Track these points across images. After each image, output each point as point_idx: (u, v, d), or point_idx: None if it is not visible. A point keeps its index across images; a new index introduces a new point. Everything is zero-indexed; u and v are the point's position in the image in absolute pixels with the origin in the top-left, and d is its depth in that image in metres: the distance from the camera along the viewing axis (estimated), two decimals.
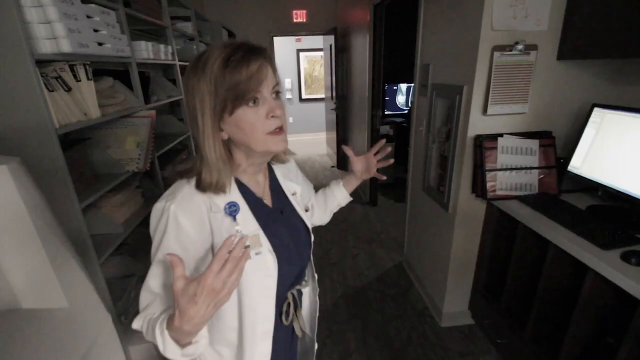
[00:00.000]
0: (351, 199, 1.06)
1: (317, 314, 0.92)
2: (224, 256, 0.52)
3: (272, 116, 0.65)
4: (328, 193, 1.05)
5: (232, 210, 0.68)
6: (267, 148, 0.68)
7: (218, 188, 0.67)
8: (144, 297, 0.67)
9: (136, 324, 0.65)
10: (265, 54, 0.66)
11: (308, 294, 0.90)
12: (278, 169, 0.86)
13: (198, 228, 0.65)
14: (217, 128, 0.66)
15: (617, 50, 1.24)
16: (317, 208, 1.05)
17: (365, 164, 1.01)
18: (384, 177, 1.02)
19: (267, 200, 0.78)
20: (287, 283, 0.78)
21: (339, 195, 1.04)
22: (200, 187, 0.67)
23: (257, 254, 0.69)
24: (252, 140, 0.66)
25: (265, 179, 0.81)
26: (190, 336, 0.56)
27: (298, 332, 0.84)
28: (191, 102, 0.65)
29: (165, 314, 0.60)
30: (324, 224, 1.08)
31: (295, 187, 0.87)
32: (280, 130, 0.68)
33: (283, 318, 0.78)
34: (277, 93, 0.68)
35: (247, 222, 0.70)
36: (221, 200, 0.68)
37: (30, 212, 0.67)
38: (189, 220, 0.64)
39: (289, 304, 0.79)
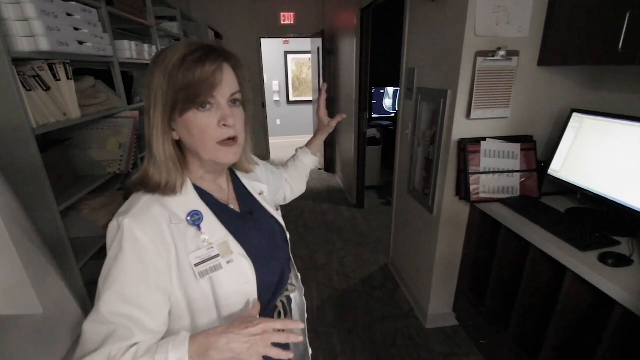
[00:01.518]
0: (317, 159, 1.10)
1: (306, 316, 0.90)
2: (290, 326, 0.59)
3: (224, 125, 0.62)
4: (298, 163, 1.07)
5: (195, 219, 0.65)
6: (215, 158, 0.64)
7: (167, 189, 0.63)
8: (96, 329, 0.55)
9: None
10: (228, 58, 0.63)
11: (294, 297, 0.87)
12: (240, 171, 0.83)
13: (157, 242, 0.60)
14: (168, 127, 0.62)
15: (594, 57, 1.28)
16: (293, 182, 1.05)
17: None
18: (343, 115, 1.06)
19: (234, 205, 0.75)
20: (271, 288, 0.74)
21: (308, 161, 1.07)
22: (149, 188, 0.63)
23: (228, 262, 0.65)
24: (200, 147, 0.63)
25: (229, 183, 0.77)
26: None
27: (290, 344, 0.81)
28: (147, 95, 0.62)
29: (171, 345, 0.54)
30: (302, 193, 1.11)
31: (261, 187, 0.84)
32: (232, 140, 0.64)
33: None
34: (236, 101, 0.65)
35: (214, 230, 0.66)
36: (181, 211, 0.64)
37: (3, 216, 0.64)
38: (145, 235, 0.59)
39: (279, 313, 0.77)
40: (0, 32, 1.02)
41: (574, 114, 1.51)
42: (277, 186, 0.98)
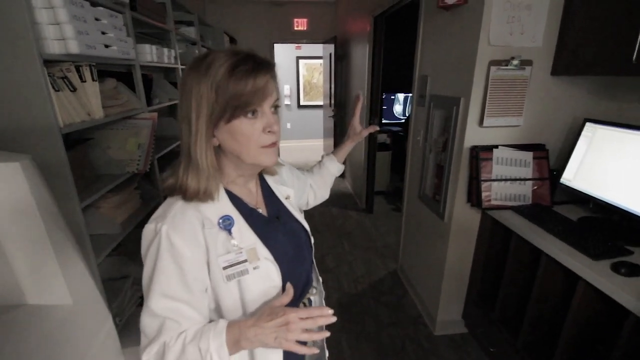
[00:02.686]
0: (343, 167, 1.09)
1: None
2: (314, 314, 0.61)
3: (269, 131, 0.65)
4: (323, 170, 1.07)
5: (226, 224, 0.67)
6: (258, 161, 0.67)
7: (206, 196, 0.65)
8: (151, 323, 0.62)
9: (150, 355, 0.62)
10: (272, 69, 0.66)
11: (314, 299, 0.89)
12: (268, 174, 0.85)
13: (192, 246, 0.63)
14: (211, 134, 0.64)
15: (607, 68, 1.29)
16: (317, 188, 1.06)
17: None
18: (377, 128, 1.06)
19: (262, 209, 0.77)
20: (296, 291, 0.76)
21: (333, 169, 1.07)
22: (187, 196, 0.65)
23: (254, 268, 0.68)
24: (244, 151, 0.65)
25: (257, 187, 0.79)
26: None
27: (310, 342, 0.81)
28: (186, 102, 0.63)
29: (212, 333, 0.60)
30: (325, 200, 1.12)
31: (287, 191, 0.86)
32: (273, 144, 0.67)
33: None
34: (276, 107, 0.68)
35: (244, 235, 0.69)
36: (214, 215, 0.67)
37: (40, 209, 0.68)
38: (182, 240, 0.62)
39: None
40: (34, 35, 1.07)
41: (587, 124, 1.51)
42: (301, 191, 1.00)
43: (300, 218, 0.84)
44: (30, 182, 0.68)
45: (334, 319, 0.62)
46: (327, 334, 0.64)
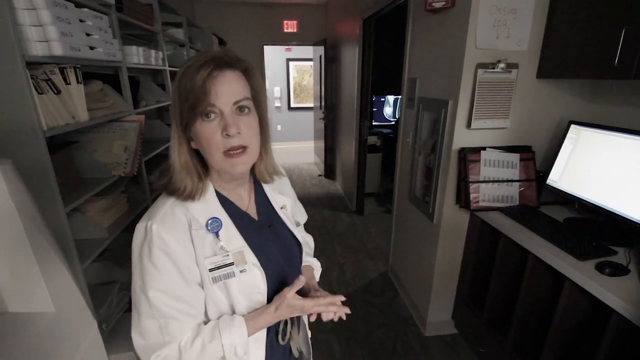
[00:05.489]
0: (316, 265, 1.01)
1: (310, 335, 0.90)
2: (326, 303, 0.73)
3: (226, 134, 0.61)
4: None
5: (214, 226, 0.66)
6: (223, 168, 0.65)
7: (185, 195, 0.65)
8: (151, 325, 0.62)
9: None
10: (233, 65, 0.62)
11: None
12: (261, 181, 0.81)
13: (183, 242, 0.63)
14: (184, 136, 0.65)
15: (591, 71, 1.32)
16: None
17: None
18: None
19: (253, 214, 0.76)
20: None
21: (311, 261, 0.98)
22: (169, 191, 0.66)
23: (241, 271, 0.67)
24: (209, 156, 0.64)
25: (250, 192, 0.78)
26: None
27: (295, 352, 0.81)
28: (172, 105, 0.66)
29: (231, 327, 0.65)
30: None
31: (284, 200, 0.83)
32: (240, 151, 0.63)
33: (280, 337, 0.75)
34: (243, 108, 0.63)
35: (231, 238, 0.68)
36: (202, 216, 0.66)
37: (21, 215, 0.66)
38: (173, 237, 0.62)
39: (285, 323, 0.77)
40: (16, 36, 1.04)
41: (572, 126, 1.54)
42: (299, 216, 0.95)
43: (293, 229, 0.82)
44: (11, 188, 0.67)
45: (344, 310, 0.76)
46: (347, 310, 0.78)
